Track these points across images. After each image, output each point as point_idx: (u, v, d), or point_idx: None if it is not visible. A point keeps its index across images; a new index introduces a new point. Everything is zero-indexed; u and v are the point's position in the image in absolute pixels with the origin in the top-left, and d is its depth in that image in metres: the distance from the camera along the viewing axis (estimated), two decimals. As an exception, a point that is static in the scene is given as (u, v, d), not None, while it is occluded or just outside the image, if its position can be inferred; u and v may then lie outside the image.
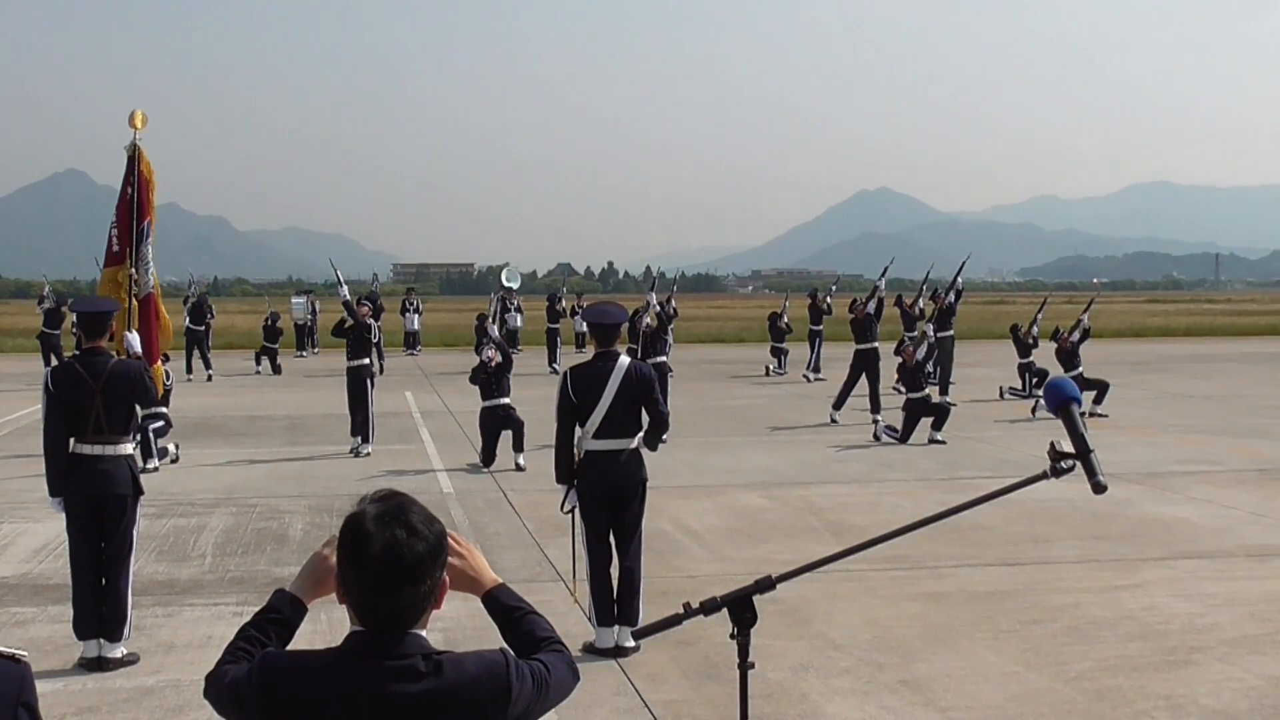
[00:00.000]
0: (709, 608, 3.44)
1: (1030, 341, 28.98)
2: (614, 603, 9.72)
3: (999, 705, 8.36)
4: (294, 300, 48.04)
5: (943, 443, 20.87)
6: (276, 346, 39.47)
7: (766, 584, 3.47)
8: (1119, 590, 11.33)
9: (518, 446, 18.48)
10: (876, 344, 24.07)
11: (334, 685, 3.05)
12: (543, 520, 14.31)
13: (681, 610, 3.49)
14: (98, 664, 9.23)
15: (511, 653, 3.26)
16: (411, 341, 47.88)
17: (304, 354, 45.59)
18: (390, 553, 3.02)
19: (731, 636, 3.54)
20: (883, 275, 26.35)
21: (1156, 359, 43.11)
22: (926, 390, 22.14)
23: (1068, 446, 3.20)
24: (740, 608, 3.47)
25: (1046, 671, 9.02)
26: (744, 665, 3.58)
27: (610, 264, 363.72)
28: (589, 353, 10.40)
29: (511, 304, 41.71)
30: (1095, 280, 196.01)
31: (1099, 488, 3.16)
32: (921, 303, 30.84)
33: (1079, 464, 3.19)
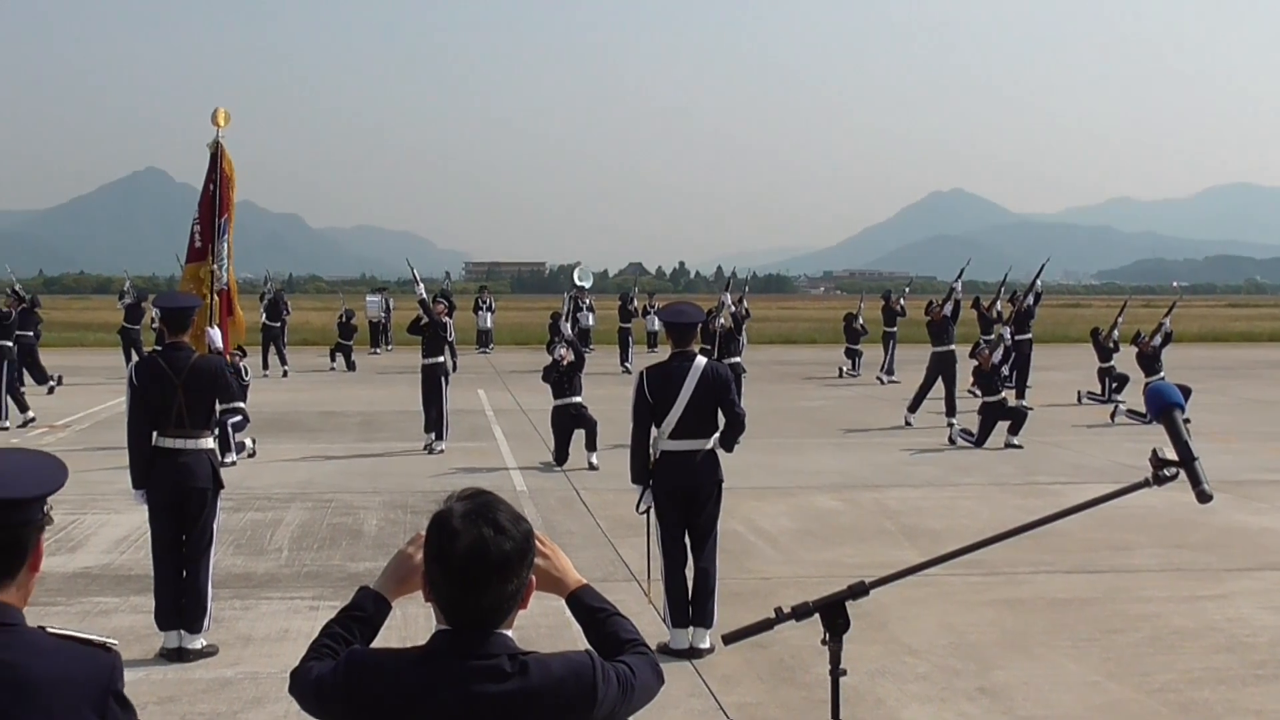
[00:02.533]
0: (801, 613, 3.39)
1: (1111, 346, 28.65)
2: (689, 604, 9.69)
3: (1080, 716, 8.26)
4: (368, 298, 48.25)
5: (1019, 447, 20.68)
6: (351, 343, 39.65)
7: (859, 589, 3.41)
8: (1203, 600, 11.15)
9: (591, 445, 18.47)
10: (953, 346, 23.91)
11: (419, 684, 3.04)
12: (616, 520, 14.29)
13: (773, 615, 3.44)
14: (178, 654, 9.30)
15: (597, 655, 3.23)
16: (484, 340, 48.02)
17: (378, 351, 45.78)
18: (477, 551, 3.00)
19: (823, 642, 3.49)
20: (959, 277, 26.16)
21: (1238, 364, 42.53)
22: (1003, 394, 21.94)
23: (1170, 454, 3.13)
24: (833, 613, 3.42)
25: (1129, 682, 8.89)
26: (835, 671, 3.53)
27: (681, 264, 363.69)
28: (660, 352, 10.38)
29: (584, 303, 41.72)
30: (1175, 284, 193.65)
31: (1204, 497, 3.09)
32: (999, 305, 30.60)
33: (1182, 472, 3.12)
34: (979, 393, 21.97)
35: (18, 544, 2.90)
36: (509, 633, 3.10)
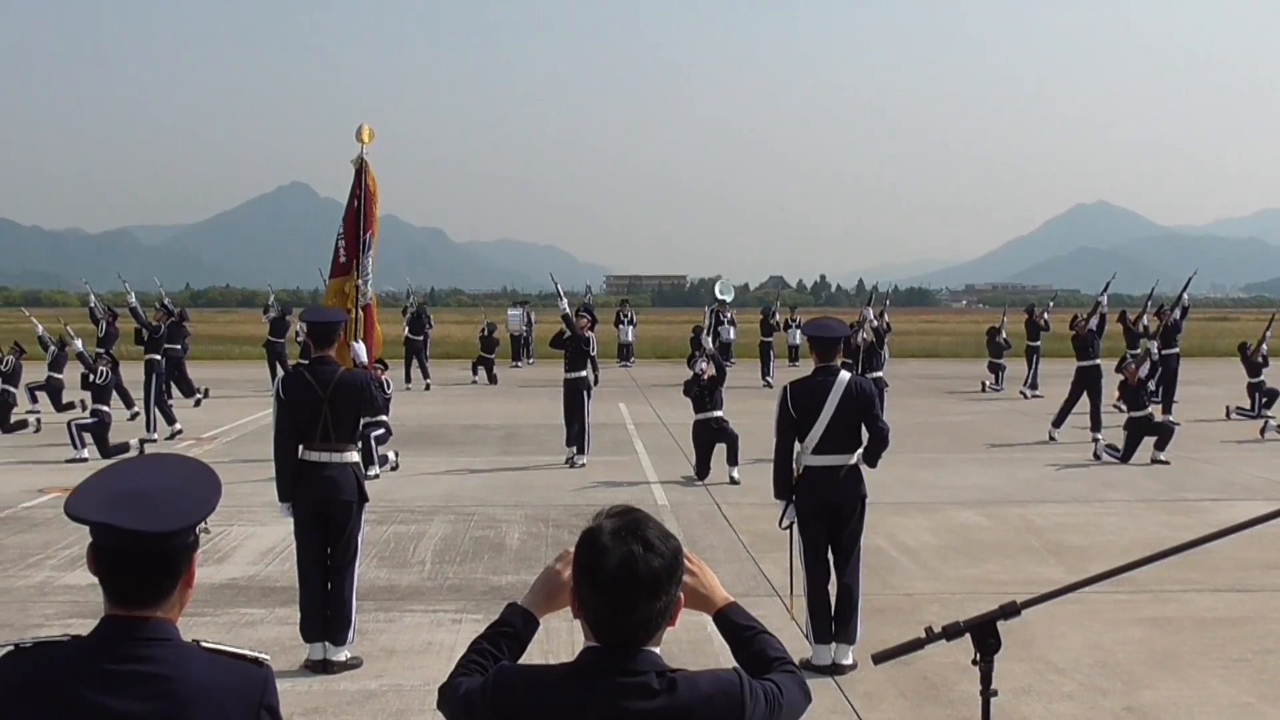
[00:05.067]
0: (952, 632, 3.34)
1: (1260, 360, 28.06)
2: (832, 620, 9.63)
3: (1232, 738, 8.07)
4: (510, 312, 48.56)
5: (1166, 463, 20.31)
6: (493, 357, 39.90)
7: (1011, 610, 3.35)
8: (1361, 621, 10.86)
9: (732, 460, 18.42)
10: (1099, 361, 23.58)
11: (567, 700, 3.03)
12: (758, 534, 14.24)
13: (923, 634, 3.39)
14: (323, 666, 9.41)
15: (745, 673, 3.20)
16: (625, 353, 48.14)
17: (519, 364, 46.05)
18: (626, 567, 2.99)
19: (974, 662, 3.44)
20: (1104, 291, 25.78)
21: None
22: (1149, 409, 21.55)
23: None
24: (984, 633, 3.36)
25: (1284, 704, 8.69)
26: (986, 692, 3.47)
27: (822, 277, 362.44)
28: (802, 366, 10.34)
29: (725, 317, 41.66)
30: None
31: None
32: (1145, 319, 30.08)
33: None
34: (1125, 408, 21.61)
35: (171, 566, 2.95)
36: (657, 650, 3.08)
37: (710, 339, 21.11)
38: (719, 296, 32.70)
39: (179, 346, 28.92)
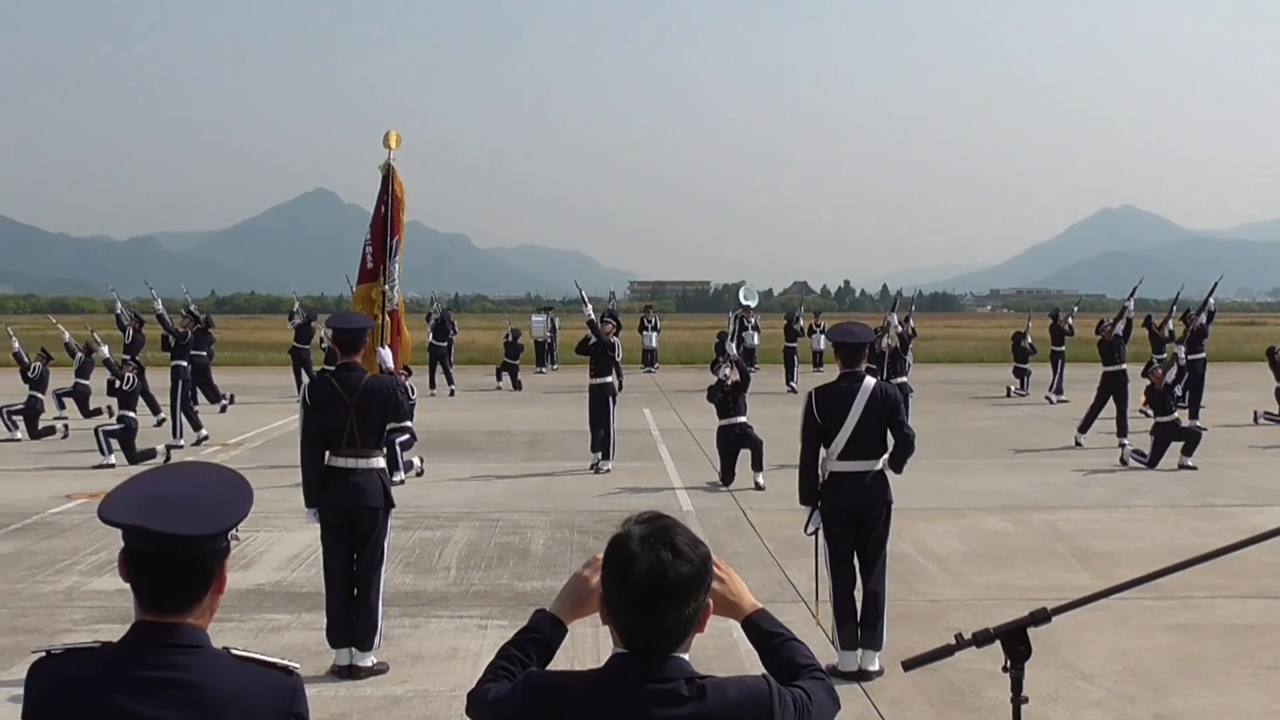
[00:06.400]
0: (981, 639, 3.33)
1: (1287, 364, 27.95)
2: (858, 626, 9.61)
3: (1262, 745, 8.04)
4: (534, 318, 48.61)
5: (1193, 468, 20.24)
6: (517, 363, 39.98)
7: (1042, 616, 3.34)
8: (1391, 628, 10.80)
9: (757, 465, 18.41)
10: (1125, 366, 23.51)
11: (596, 706, 3.03)
12: (783, 540, 14.23)
13: (953, 641, 3.38)
14: (349, 672, 9.43)
15: (774, 680, 3.20)
16: (649, 359, 48.16)
17: (544, 370, 46.12)
18: (655, 574, 3.00)
19: (1004, 669, 3.43)
20: (1131, 295, 25.70)
21: None
22: (1176, 414, 21.47)
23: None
24: (1014, 640, 3.35)
25: (1314, 712, 8.65)
26: (1017, 699, 3.46)
27: (846, 282, 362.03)
28: (826, 372, 10.33)
29: (749, 322, 41.64)
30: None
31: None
32: (1171, 324, 29.98)
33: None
34: (1151, 413, 21.53)
35: (203, 572, 2.96)
36: (685, 656, 3.09)
37: (734, 344, 21.08)
38: (743, 302, 32.64)
39: (205, 353, 29.02)
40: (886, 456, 9.81)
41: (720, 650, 9.29)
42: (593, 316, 20.78)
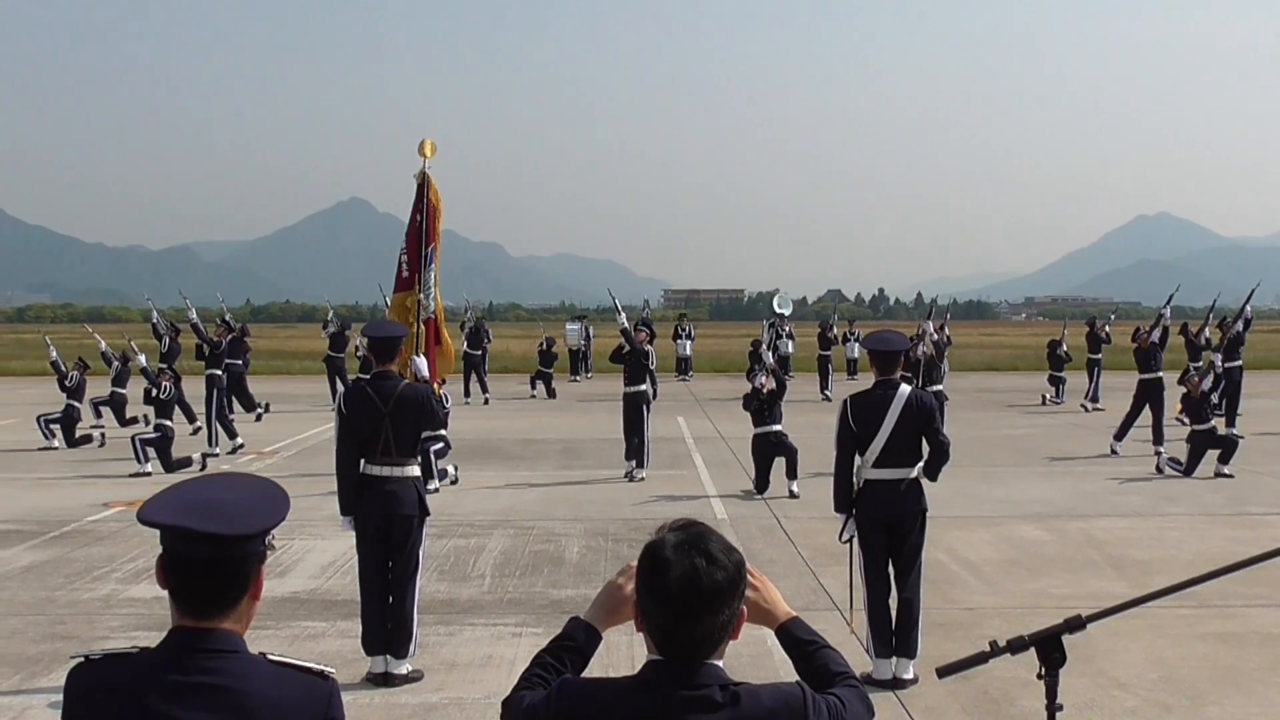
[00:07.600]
0: (1016, 647, 3.32)
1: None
2: (892, 634, 9.59)
3: (1300, 754, 7.98)
4: (568, 326, 48.67)
5: (1230, 476, 20.12)
6: (551, 371, 40.01)
7: (1077, 624, 3.32)
8: None
9: (791, 474, 18.39)
10: (1161, 374, 23.41)
11: (631, 713, 3.03)
12: (817, 548, 14.20)
13: (987, 648, 3.37)
14: (384, 679, 9.44)
15: (808, 687, 3.19)
16: (684, 367, 48.15)
17: (578, 379, 46.17)
18: (689, 581, 2.99)
19: (1039, 676, 3.41)
20: (1167, 303, 25.59)
21: None
22: (1212, 422, 21.36)
23: None
24: (1049, 647, 3.33)
25: (1353, 721, 8.58)
26: (1052, 707, 3.44)
27: (881, 290, 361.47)
28: (860, 380, 10.32)
29: (784, 330, 41.61)
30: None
31: None
32: (1208, 331, 29.83)
33: None
34: (1187, 420, 21.43)
35: (241, 575, 2.97)
36: (719, 663, 3.08)
37: (769, 353, 21.07)
38: (777, 310, 32.70)
39: (240, 362, 29.12)
40: (921, 464, 9.80)
41: (754, 658, 9.28)
42: (626, 325, 20.79)
